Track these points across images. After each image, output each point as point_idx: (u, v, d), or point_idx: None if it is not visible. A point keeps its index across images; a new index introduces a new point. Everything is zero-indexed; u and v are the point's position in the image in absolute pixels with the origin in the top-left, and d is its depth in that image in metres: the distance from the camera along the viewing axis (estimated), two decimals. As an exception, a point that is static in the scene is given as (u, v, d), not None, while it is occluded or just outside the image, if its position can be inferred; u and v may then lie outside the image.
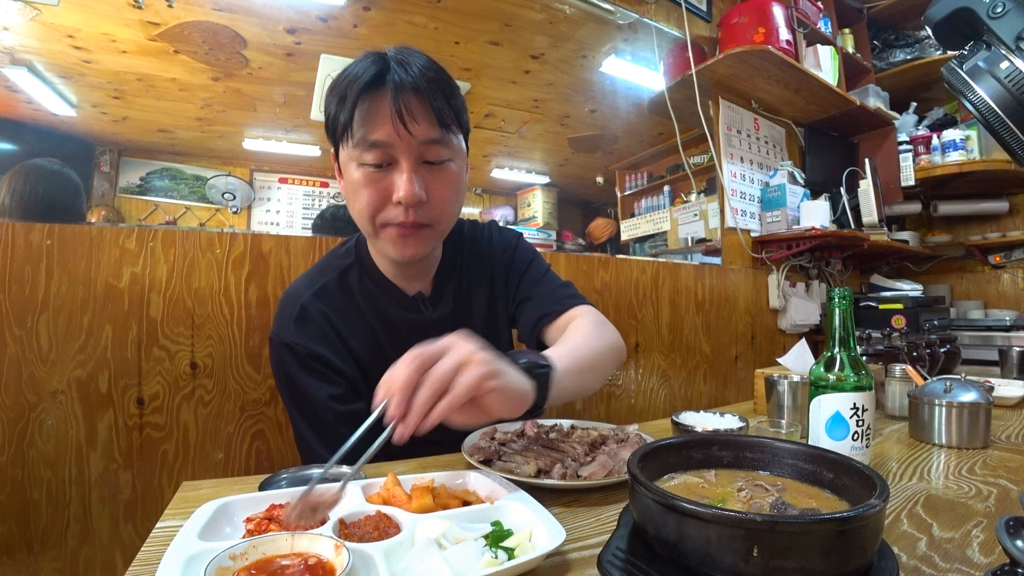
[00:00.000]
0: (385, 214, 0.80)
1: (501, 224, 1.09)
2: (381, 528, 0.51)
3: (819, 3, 2.45)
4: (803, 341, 1.25)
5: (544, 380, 0.67)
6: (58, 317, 1.05)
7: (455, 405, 0.53)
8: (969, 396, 0.89)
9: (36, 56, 1.15)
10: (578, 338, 0.85)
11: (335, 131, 0.80)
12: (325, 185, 1.55)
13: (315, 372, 0.85)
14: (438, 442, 0.86)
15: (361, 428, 0.53)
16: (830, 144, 2.69)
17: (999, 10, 0.46)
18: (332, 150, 0.86)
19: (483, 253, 1.01)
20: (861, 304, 2.50)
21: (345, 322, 0.88)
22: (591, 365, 0.81)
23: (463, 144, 0.86)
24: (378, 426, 0.53)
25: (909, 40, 2.86)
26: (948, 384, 0.92)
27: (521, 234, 1.09)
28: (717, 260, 2.28)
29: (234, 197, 1.31)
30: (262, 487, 0.64)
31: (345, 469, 0.69)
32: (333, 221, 1.54)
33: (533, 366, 0.66)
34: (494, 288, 1.01)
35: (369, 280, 0.92)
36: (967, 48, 0.49)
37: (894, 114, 2.67)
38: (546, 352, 0.73)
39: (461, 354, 0.56)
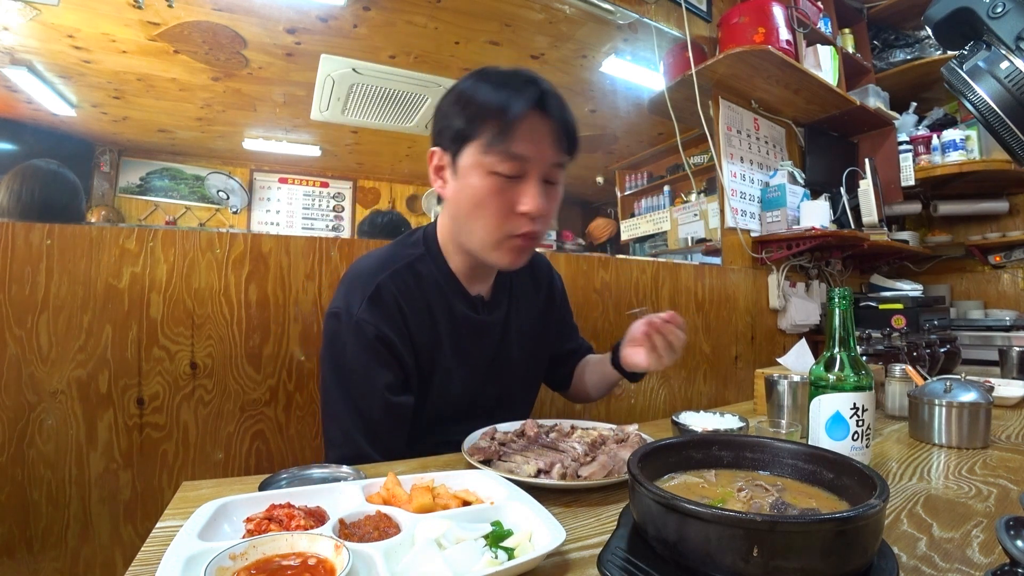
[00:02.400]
0: (510, 224, 0.84)
1: None
2: (381, 528, 0.51)
3: (819, 3, 2.45)
4: (803, 341, 1.25)
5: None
6: (58, 317, 1.05)
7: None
8: (969, 396, 0.89)
9: (36, 56, 1.15)
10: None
11: (464, 137, 0.82)
12: (325, 185, 1.55)
13: (377, 354, 0.84)
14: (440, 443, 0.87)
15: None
16: (830, 144, 2.69)
17: (999, 10, 0.46)
18: (443, 151, 0.86)
19: (538, 275, 1.10)
20: (861, 304, 2.50)
21: (412, 310, 0.89)
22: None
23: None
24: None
25: (909, 40, 2.85)
26: (948, 384, 0.92)
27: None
28: (717, 260, 2.28)
29: (227, 197, 1.31)
30: (262, 487, 0.64)
31: (346, 469, 0.70)
32: (371, 229, 1.58)
33: None
34: (548, 312, 1.11)
35: (438, 273, 0.93)
36: (967, 48, 0.49)
37: (894, 114, 2.67)
38: None
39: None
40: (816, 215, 2.27)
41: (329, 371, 0.88)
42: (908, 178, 2.67)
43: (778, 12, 2.13)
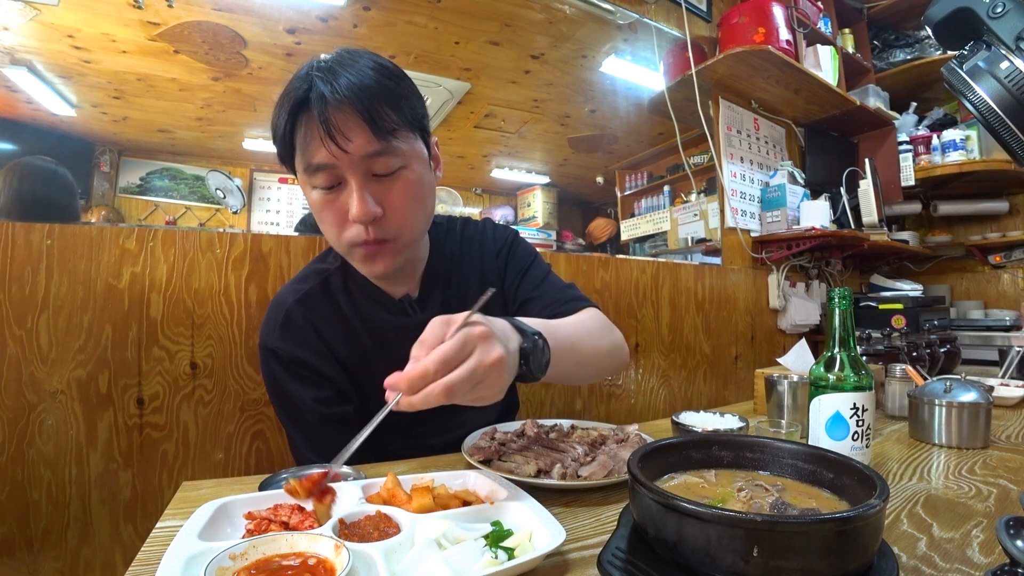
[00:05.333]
0: (348, 235, 0.78)
1: (500, 223, 1.08)
2: (381, 528, 0.51)
3: (819, 3, 2.45)
4: (803, 341, 1.25)
5: (534, 345, 0.64)
6: (58, 317, 1.05)
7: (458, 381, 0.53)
8: (969, 396, 0.89)
9: (36, 56, 1.15)
10: (577, 325, 0.84)
11: (282, 155, 0.79)
12: (325, 185, 1.55)
13: (299, 376, 0.85)
14: (437, 445, 0.87)
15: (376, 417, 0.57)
16: (830, 144, 2.69)
17: (999, 10, 0.46)
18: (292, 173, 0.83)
19: (475, 252, 0.99)
20: (861, 304, 2.50)
21: (329, 328, 0.87)
22: (587, 351, 0.80)
23: (420, 146, 0.81)
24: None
25: (909, 40, 2.86)
26: (948, 384, 0.92)
27: (517, 232, 1.06)
28: (717, 260, 2.28)
29: (224, 196, 1.31)
30: (262, 487, 0.64)
31: (346, 469, 0.70)
32: (315, 228, 1.52)
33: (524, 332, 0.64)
34: (502, 284, 0.99)
35: (354, 284, 0.91)
36: (967, 48, 0.49)
37: (894, 114, 2.67)
38: (532, 321, 0.69)
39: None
40: (816, 215, 2.27)
41: (271, 396, 0.91)
42: (908, 178, 2.67)
43: (778, 12, 2.13)
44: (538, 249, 1.09)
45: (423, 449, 0.85)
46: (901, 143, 2.70)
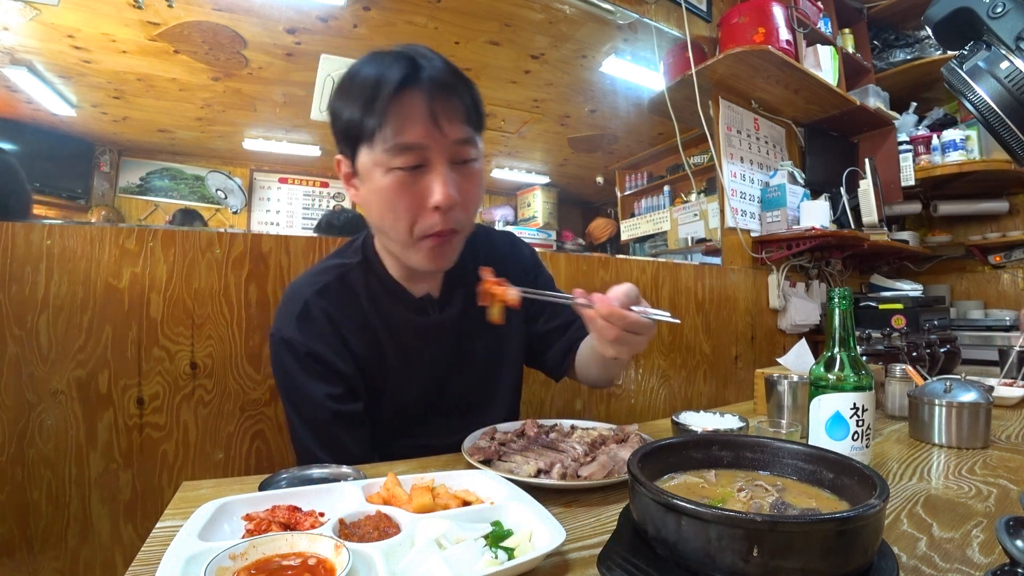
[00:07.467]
0: (423, 223, 0.78)
1: (501, 225, 1.09)
2: (381, 528, 0.51)
3: (819, 3, 2.45)
4: (803, 341, 1.25)
5: None
6: (58, 317, 1.05)
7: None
8: (969, 396, 0.89)
9: (36, 56, 1.15)
10: None
11: (354, 136, 0.76)
12: (325, 185, 1.55)
13: (313, 371, 0.84)
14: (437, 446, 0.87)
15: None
16: (830, 144, 2.69)
17: (999, 10, 0.46)
18: (344, 156, 0.81)
19: (499, 261, 0.95)
20: (861, 304, 2.50)
21: (347, 322, 0.87)
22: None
23: (482, 145, 0.85)
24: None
25: (909, 40, 2.85)
26: (948, 384, 0.92)
27: (535, 251, 1.10)
28: (717, 260, 2.28)
29: (225, 197, 1.31)
30: (262, 487, 0.64)
31: (346, 469, 0.70)
32: (328, 229, 1.52)
33: None
34: None
35: (375, 280, 0.90)
36: (967, 48, 0.49)
37: (894, 114, 2.67)
38: None
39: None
40: (816, 215, 2.27)
41: (280, 392, 0.90)
42: (908, 178, 2.67)
43: (778, 12, 2.13)
44: (538, 249, 1.09)
45: (433, 450, 0.85)
46: (901, 143, 2.70)
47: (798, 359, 1.20)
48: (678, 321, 0.74)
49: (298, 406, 0.86)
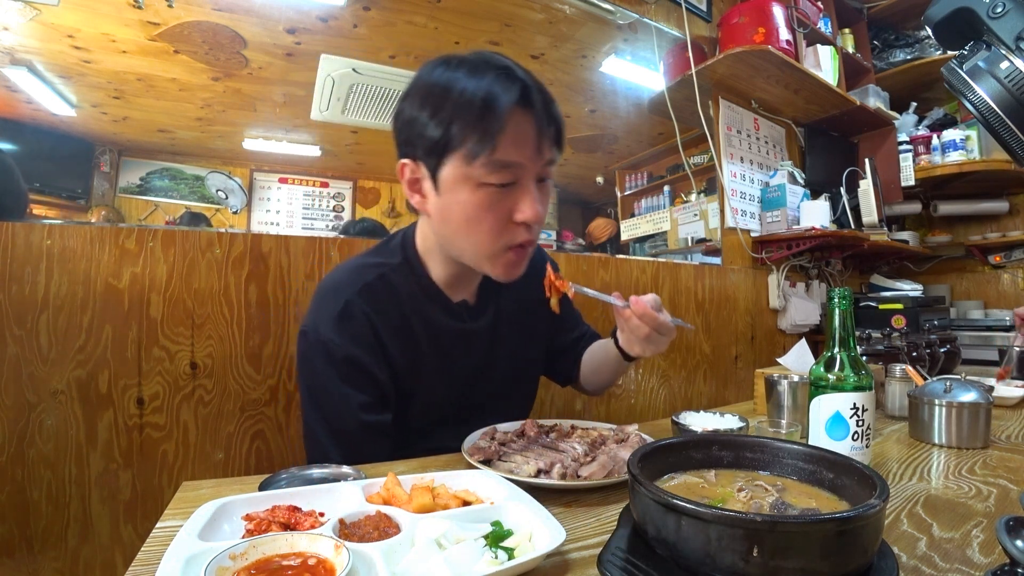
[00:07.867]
0: (508, 236, 0.79)
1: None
2: (381, 528, 0.51)
3: (819, 3, 2.45)
4: (803, 341, 1.25)
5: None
6: (58, 317, 1.05)
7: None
8: (969, 396, 0.89)
9: (36, 56, 1.15)
10: None
11: (442, 147, 0.74)
12: (325, 185, 1.55)
13: (348, 377, 0.81)
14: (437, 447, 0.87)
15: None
16: (830, 144, 2.69)
17: (999, 10, 0.46)
18: (413, 162, 0.79)
19: (531, 274, 0.94)
20: (861, 304, 2.50)
21: (387, 325, 0.85)
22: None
23: None
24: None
25: (909, 40, 2.85)
26: (948, 384, 0.92)
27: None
28: (717, 260, 2.28)
29: (226, 197, 1.31)
30: (262, 487, 0.64)
31: (346, 469, 0.70)
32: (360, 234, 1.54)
33: None
34: (542, 303, 0.99)
35: (415, 282, 0.89)
36: (967, 48, 0.49)
37: (894, 114, 2.67)
38: None
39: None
40: (816, 215, 2.27)
41: (303, 390, 0.87)
42: (908, 178, 2.67)
43: (778, 12, 2.13)
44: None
45: (447, 452, 0.84)
46: (901, 143, 2.70)
47: (798, 359, 1.20)
48: (692, 327, 0.83)
49: (324, 410, 0.83)
